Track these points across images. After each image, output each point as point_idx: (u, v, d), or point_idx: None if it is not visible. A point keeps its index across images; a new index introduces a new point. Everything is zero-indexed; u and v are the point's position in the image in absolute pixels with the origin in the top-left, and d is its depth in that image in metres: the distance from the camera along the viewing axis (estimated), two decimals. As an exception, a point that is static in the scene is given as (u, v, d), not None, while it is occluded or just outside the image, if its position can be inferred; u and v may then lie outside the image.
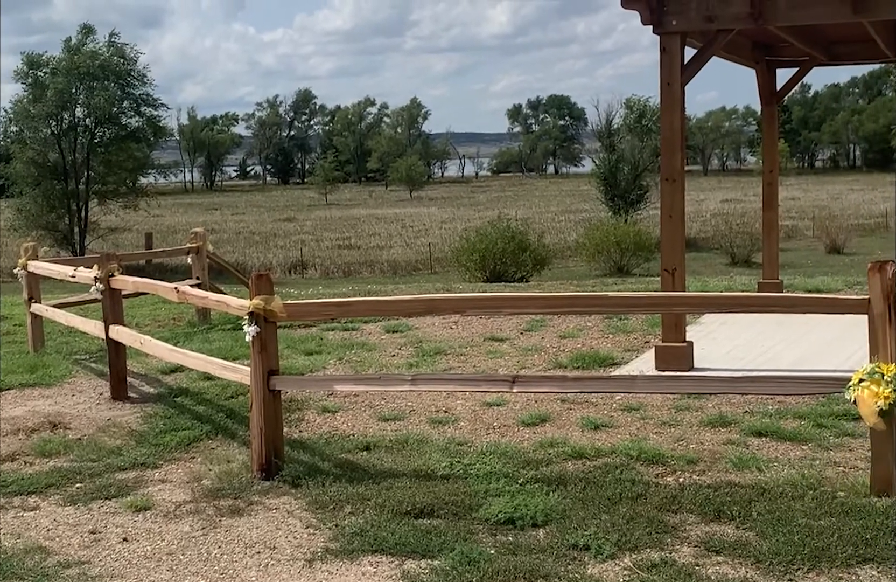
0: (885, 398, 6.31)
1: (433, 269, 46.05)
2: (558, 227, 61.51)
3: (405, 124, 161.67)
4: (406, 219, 74.82)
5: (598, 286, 19.53)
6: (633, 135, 65.00)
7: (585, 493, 6.74)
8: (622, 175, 57.74)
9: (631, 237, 39.61)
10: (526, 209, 77.88)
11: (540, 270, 35.27)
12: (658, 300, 8.82)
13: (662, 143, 10.81)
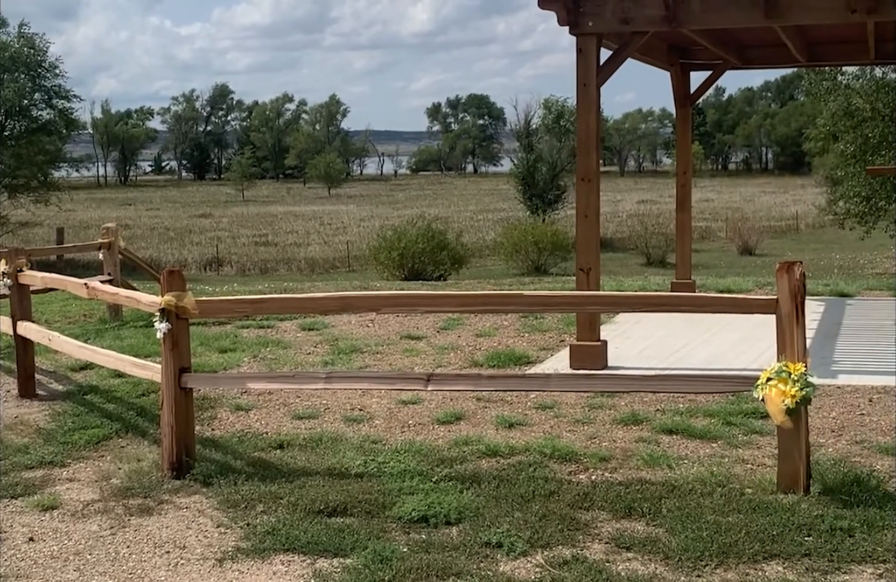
0: (792, 397, 6.43)
1: (351, 267, 45.94)
2: (477, 227, 61.77)
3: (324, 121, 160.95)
4: (324, 216, 74.55)
5: (515, 285, 19.64)
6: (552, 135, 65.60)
7: (499, 490, 6.76)
8: (540, 175, 58.17)
9: (548, 237, 39.93)
10: (445, 208, 78.11)
11: (458, 269, 35.37)
12: (572, 299, 8.89)
13: (578, 143, 10.89)
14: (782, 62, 15.78)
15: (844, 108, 38.71)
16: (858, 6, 9.87)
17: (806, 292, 6.74)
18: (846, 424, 8.31)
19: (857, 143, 38.51)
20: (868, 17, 10.15)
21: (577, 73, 10.64)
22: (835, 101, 39.36)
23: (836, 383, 9.61)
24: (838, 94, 39.23)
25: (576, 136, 11.01)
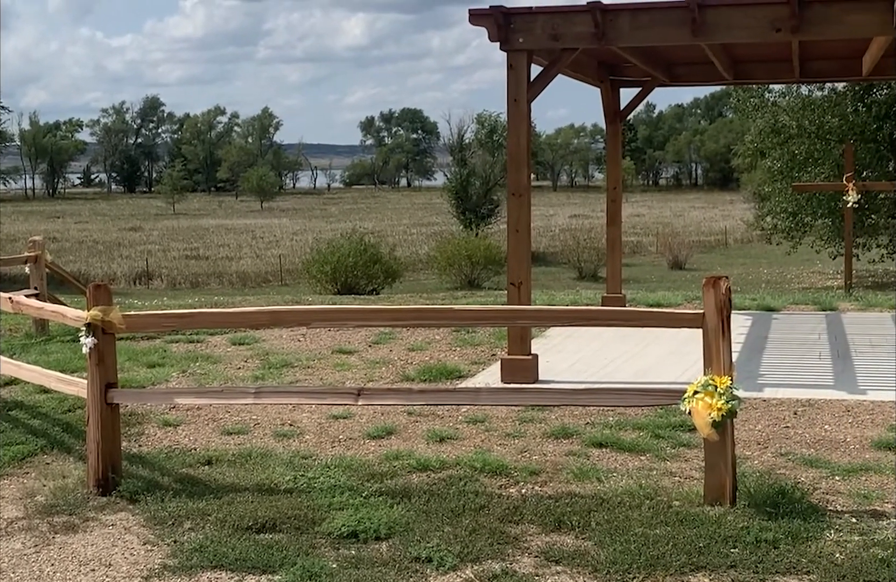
0: (718, 410, 6.51)
1: (284, 281, 45.68)
2: (410, 241, 61.79)
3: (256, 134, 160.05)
4: (256, 230, 74.07)
5: (448, 299, 19.67)
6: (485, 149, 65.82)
7: (429, 505, 6.76)
8: (474, 189, 58.40)
9: (482, 251, 40.04)
10: (378, 222, 78.03)
11: (392, 283, 35.34)
12: (503, 314, 8.91)
13: (509, 158, 10.95)
14: (710, 80, 16.03)
15: (771, 125, 39.39)
16: (782, 25, 10.07)
17: (732, 306, 6.83)
18: (772, 436, 8.44)
19: (784, 159, 39.20)
20: (792, 37, 10.35)
21: (508, 88, 10.70)
22: (762, 119, 40.04)
23: (763, 396, 9.76)
24: (766, 112, 39.92)
25: (507, 151, 11.07)
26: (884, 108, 37.53)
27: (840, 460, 7.71)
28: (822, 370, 11.08)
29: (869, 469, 7.45)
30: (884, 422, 8.80)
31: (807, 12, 10.05)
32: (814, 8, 10.17)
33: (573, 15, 10.55)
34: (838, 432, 8.53)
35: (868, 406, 9.35)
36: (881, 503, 6.73)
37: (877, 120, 37.79)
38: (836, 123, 37.48)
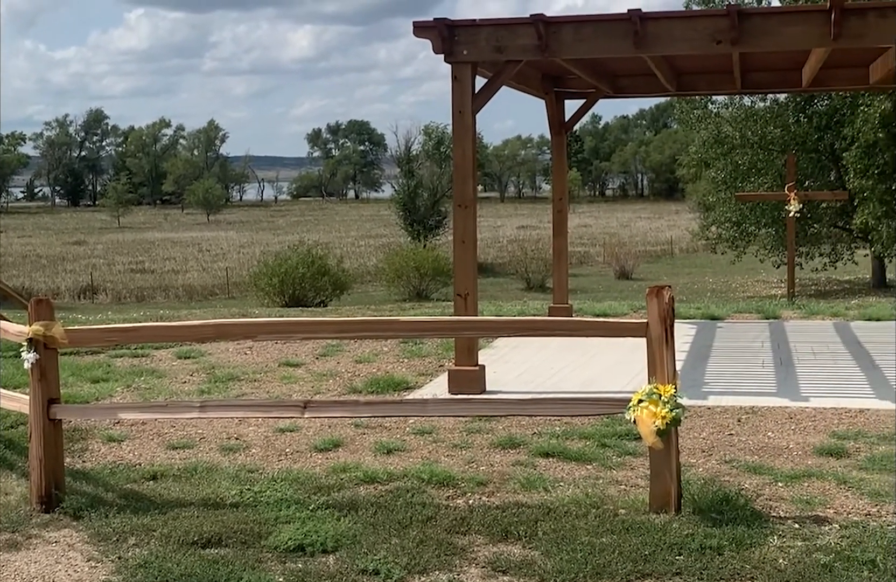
0: (663, 418, 6.57)
1: (230, 294, 45.42)
2: (358, 252, 61.72)
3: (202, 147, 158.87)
4: (203, 243, 73.59)
5: (396, 311, 19.66)
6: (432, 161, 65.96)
7: (376, 517, 6.75)
8: (421, 201, 58.50)
9: (430, 262, 40.07)
10: (326, 234, 77.85)
11: (340, 295, 35.24)
12: (449, 325, 8.94)
13: (455, 170, 10.98)
14: (653, 91, 16.19)
15: (715, 136, 39.87)
16: (723, 37, 10.20)
17: (675, 316, 6.90)
18: (716, 443, 8.52)
19: (728, 169, 39.69)
20: (732, 49, 10.49)
21: (453, 100, 10.75)
22: (706, 129, 40.52)
23: (707, 404, 9.86)
24: (709, 123, 40.40)
25: (452, 163, 11.10)
26: (825, 118, 38.13)
27: (783, 467, 7.81)
28: (766, 378, 11.22)
29: (811, 475, 7.56)
30: (826, 428, 8.93)
31: (746, 24, 10.20)
32: (753, 20, 10.33)
33: (517, 27, 10.62)
34: (781, 439, 8.63)
35: (810, 413, 9.48)
36: (823, 509, 6.83)
37: (818, 130, 38.38)
38: (779, 134, 38.03)
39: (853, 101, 34.73)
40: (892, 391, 10.34)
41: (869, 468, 7.69)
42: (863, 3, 11.16)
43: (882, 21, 10.12)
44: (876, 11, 10.26)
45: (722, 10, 10.41)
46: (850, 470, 7.66)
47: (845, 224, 38.99)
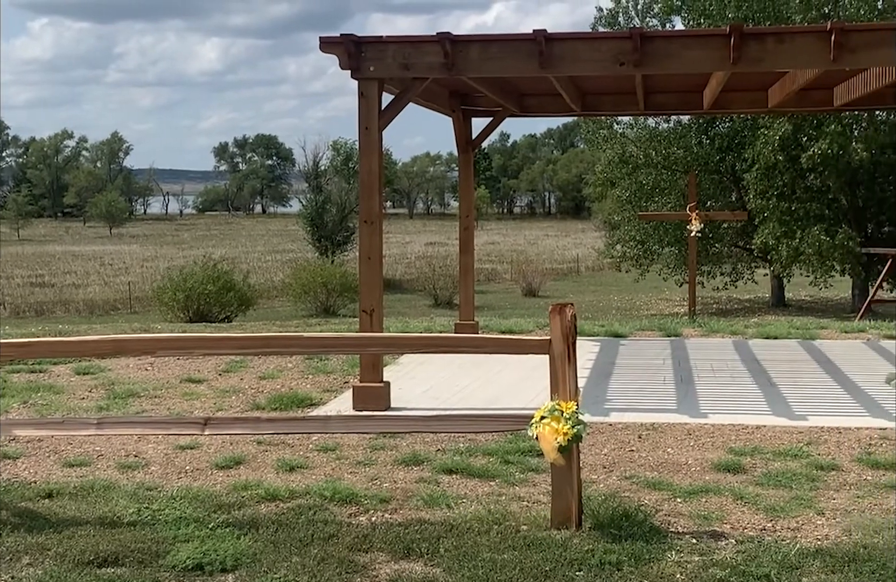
0: (564, 434, 6.62)
1: (133, 309, 44.69)
2: (265, 268, 61.22)
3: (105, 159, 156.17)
4: (105, 256, 72.33)
5: (302, 326, 19.51)
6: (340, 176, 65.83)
7: (277, 535, 6.68)
8: (329, 216, 58.27)
9: (337, 278, 39.90)
10: (232, 248, 77.05)
11: (245, 311, 34.89)
12: (353, 341, 8.89)
13: (361, 186, 10.96)
14: (559, 111, 16.36)
15: (620, 156, 40.50)
16: (626, 59, 10.36)
17: (578, 333, 6.97)
18: (617, 460, 8.62)
19: (633, 189, 40.35)
20: (635, 71, 10.65)
21: (359, 116, 10.73)
22: (611, 149, 41.14)
23: (609, 421, 9.97)
24: (614, 143, 41.02)
25: (359, 179, 11.08)
26: (726, 140, 38.99)
27: (682, 482, 7.92)
28: (666, 395, 11.39)
29: (709, 491, 7.68)
30: (724, 444, 9.09)
31: (649, 47, 10.37)
32: (655, 43, 10.51)
33: (424, 45, 10.65)
34: (680, 455, 8.77)
35: (709, 429, 9.65)
36: (720, 524, 6.94)
37: (720, 152, 39.22)
38: (682, 155, 38.76)
39: (754, 123, 35.58)
40: (787, 408, 10.58)
41: (764, 484, 7.85)
42: (761, 29, 11.45)
43: (779, 46, 10.38)
44: (773, 36, 10.52)
45: (625, 33, 10.59)
46: (746, 485, 7.81)
47: (746, 244, 39.87)
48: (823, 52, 10.10)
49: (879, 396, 10.84)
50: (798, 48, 10.42)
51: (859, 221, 37.02)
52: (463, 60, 10.59)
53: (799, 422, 9.91)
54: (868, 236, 36.68)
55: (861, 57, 10.31)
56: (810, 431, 9.55)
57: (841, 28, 10.03)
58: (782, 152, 34.31)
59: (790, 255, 34.70)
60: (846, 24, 10.28)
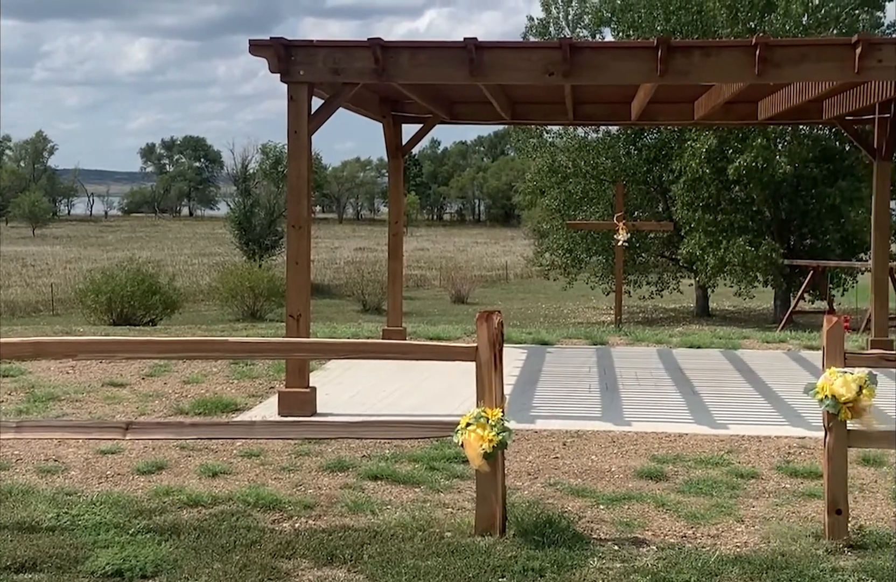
0: (490, 441, 6.64)
1: (55, 311, 43.93)
2: (191, 271, 60.56)
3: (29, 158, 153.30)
4: (27, 257, 70.97)
5: (228, 331, 19.36)
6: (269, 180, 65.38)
7: (199, 541, 6.61)
8: (258, 220, 57.81)
9: (265, 282, 39.54)
10: (158, 251, 76.14)
11: (171, 314, 34.47)
12: (279, 346, 8.84)
13: (289, 190, 10.89)
14: (489, 119, 16.44)
15: (549, 165, 40.77)
16: (555, 70, 10.43)
17: (505, 340, 7.00)
18: (541, 467, 8.67)
19: (562, 198, 40.64)
20: (564, 81, 10.73)
21: (289, 120, 10.67)
22: (541, 158, 41.39)
23: (534, 428, 10.02)
24: (544, 152, 41.29)
25: (287, 183, 11.01)
26: (653, 151, 39.46)
27: (605, 490, 7.99)
28: (591, 402, 11.48)
29: (632, 498, 7.76)
30: (647, 452, 9.19)
31: (578, 58, 10.46)
32: (584, 54, 10.60)
33: (354, 50, 10.62)
34: (604, 462, 8.84)
35: (632, 437, 9.74)
36: (642, 531, 7.01)
37: (647, 162, 39.67)
38: (610, 165, 39.13)
39: (681, 135, 36.06)
40: (709, 416, 10.73)
41: (686, 491, 7.95)
42: (688, 42, 11.62)
43: (706, 60, 10.54)
44: (700, 50, 10.68)
45: (555, 43, 10.65)
46: (668, 493, 7.90)
47: (672, 254, 40.36)
48: (748, 66, 10.27)
49: (799, 406, 11.03)
50: (724, 62, 10.58)
51: (782, 233, 37.69)
52: (393, 66, 10.59)
53: (720, 430, 10.06)
54: (790, 248, 37.36)
55: (785, 72, 10.50)
56: (731, 439, 9.70)
57: (765, 43, 10.20)
58: (709, 164, 34.83)
59: (715, 266, 35.20)
60: (770, 39, 10.46)
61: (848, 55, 10.15)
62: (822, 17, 34.10)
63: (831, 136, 35.78)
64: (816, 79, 11.82)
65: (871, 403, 6.68)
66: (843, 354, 6.84)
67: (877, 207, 14.59)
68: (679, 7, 36.05)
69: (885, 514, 7.48)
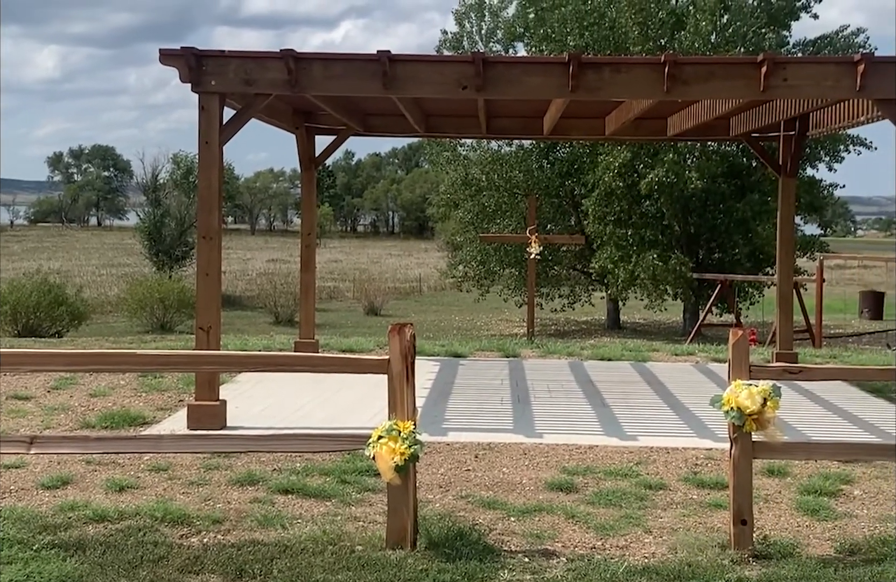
0: (401, 454, 6.64)
1: (-42, 322, 42.75)
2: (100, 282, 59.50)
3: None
4: (-71, 267, 69.06)
5: (137, 343, 19.05)
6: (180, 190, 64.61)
7: (105, 557, 6.49)
8: (168, 230, 57.07)
9: (175, 294, 39.00)
10: (65, 261, 74.71)
11: (78, 326, 33.80)
12: (187, 359, 8.70)
13: (200, 201, 10.77)
14: (403, 132, 16.46)
15: (463, 178, 40.93)
16: (468, 83, 10.48)
17: (417, 353, 7.00)
18: (453, 479, 8.68)
19: (475, 210, 40.82)
20: (477, 95, 10.78)
21: (200, 130, 10.56)
22: (455, 171, 41.54)
23: (446, 440, 10.03)
24: (458, 165, 41.44)
25: (198, 194, 10.89)
26: (566, 165, 39.84)
27: (516, 502, 8.04)
28: (504, 415, 11.53)
29: (542, 510, 7.81)
30: (557, 464, 9.26)
31: (491, 72, 10.52)
32: (497, 68, 10.67)
33: (266, 61, 10.55)
34: (515, 475, 8.89)
35: (543, 449, 9.81)
36: (552, 542, 7.07)
37: (560, 176, 40.04)
38: (523, 178, 39.40)
39: (594, 149, 36.48)
40: (619, 428, 10.85)
41: (596, 502, 8.03)
42: (599, 58, 11.75)
43: (616, 76, 10.67)
44: (610, 67, 10.80)
45: (468, 57, 10.70)
46: (578, 504, 7.97)
47: (584, 267, 40.78)
48: (657, 83, 10.43)
49: (706, 418, 11.22)
50: (634, 79, 10.72)
51: (691, 247, 38.32)
52: (306, 78, 10.54)
53: (630, 442, 10.18)
54: (699, 262, 38.00)
55: (693, 89, 10.68)
56: (640, 450, 9.82)
57: (674, 60, 10.37)
58: (621, 178, 35.29)
59: (626, 279, 35.65)
60: (679, 56, 10.64)
61: (754, 73, 10.37)
62: (731, 35, 34.78)
63: (739, 153, 36.53)
64: (723, 96, 12.06)
65: (776, 415, 6.82)
66: (748, 367, 6.98)
67: (782, 222, 14.92)
68: (592, 22, 36.50)
69: (790, 524, 7.64)
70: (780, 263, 15.11)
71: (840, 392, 13.19)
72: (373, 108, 15.22)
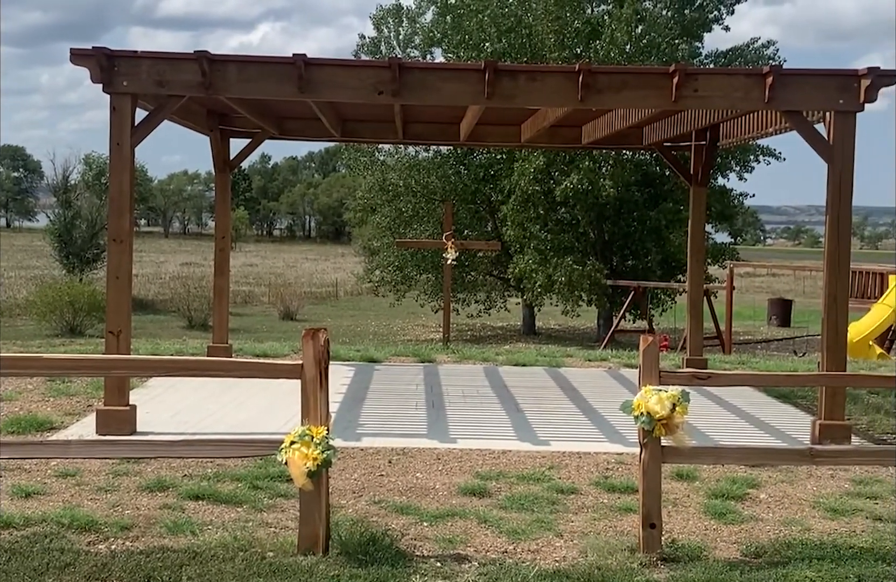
0: (314, 460, 6.61)
1: None
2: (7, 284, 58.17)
3: None
4: None
5: (45, 346, 18.67)
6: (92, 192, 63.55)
7: (10, 564, 6.36)
8: (79, 232, 56.03)
9: (85, 297, 38.33)
10: (-28, 263, 72.88)
11: (-16, 329, 33.07)
12: (96, 363, 8.56)
13: (111, 203, 10.60)
14: (319, 136, 16.38)
15: (380, 183, 40.91)
16: (385, 89, 10.49)
17: (331, 358, 6.98)
18: (367, 484, 8.67)
19: (392, 216, 40.82)
20: (393, 100, 10.78)
21: (111, 131, 10.40)
22: (372, 176, 41.49)
23: (360, 446, 10.01)
24: (375, 170, 41.41)
25: (108, 196, 10.72)
26: (482, 171, 40.03)
27: (429, 507, 8.05)
28: (418, 420, 11.54)
29: (455, 514, 7.84)
30: (471, 469, 9.29)
31: (407, 78, 10.54)
32: (414, 74, 10.69)
33: (180, 62, 10.43)
34: (429, 480, 8.90)
35: (457, 454, 9.84)
36: (465, 547, 7.09)
37: (476, 182, 40.21)
38: (440, 184, 39.51)
39: (511, 155, 36.72)
40: (532, 433, 10.93)
41: (508, 507, 8.08)
42: (515, 66, 11.85)
43: (531, 84, 10.76)
44: (526, 74, 10.89)
45: (385, 63, 10.70)
46: (490, 509, 8.02)
47: (500, 273, 41.01)
48: (572, 91, 10.54)
49: (617, 423, 11.36)
50: (549, 87, 10.82)
51: (606, 254, 38.78)
52: (220, 80, 10.44)
53: (542, 447, 10.26)
54: (613, 269, 38.48)
55: (606, 98, 10.82)
56: (553, 455, 9.90)
57: (588, 70, 10.49)
58: (538, 184, 35.57)
59: (545, 284, 35.90)
60: (593, 66, 10.76)
61: (666, 84, 10.53)
62: (645, 46, 35.29)
63: (652, 162, 37.09)
64: (636, 106, 12.23)
65: (684, 420, 6.93)
66: (658, 373, 7.08)
67: (693, 231, 15.16)
68: (510, 28, 36.74)
69: (697, 527, 7.77)
70: (690, 271, 15.35)
71: (748, 397, 13.45)
72: (289, 112, 15.14)
